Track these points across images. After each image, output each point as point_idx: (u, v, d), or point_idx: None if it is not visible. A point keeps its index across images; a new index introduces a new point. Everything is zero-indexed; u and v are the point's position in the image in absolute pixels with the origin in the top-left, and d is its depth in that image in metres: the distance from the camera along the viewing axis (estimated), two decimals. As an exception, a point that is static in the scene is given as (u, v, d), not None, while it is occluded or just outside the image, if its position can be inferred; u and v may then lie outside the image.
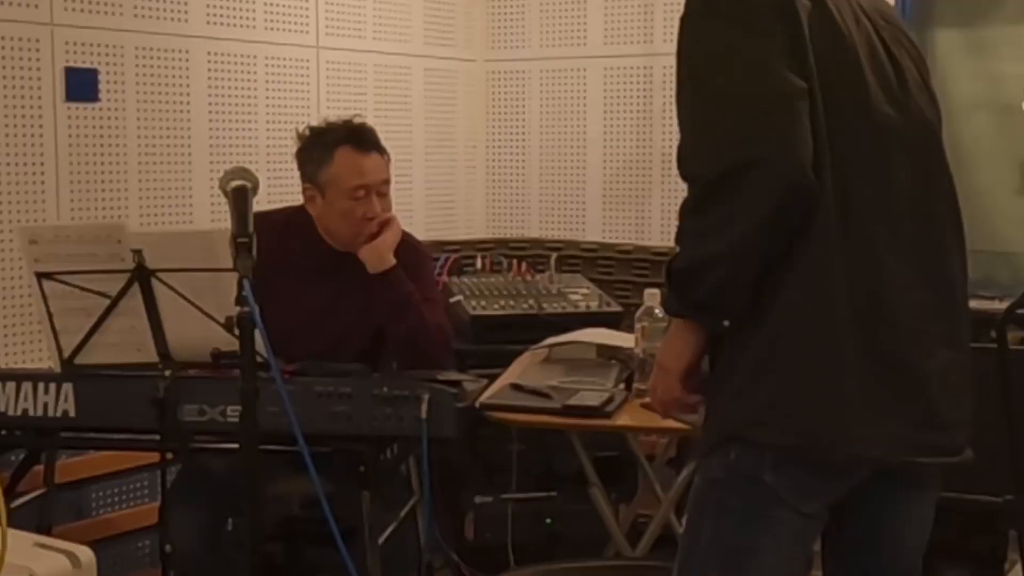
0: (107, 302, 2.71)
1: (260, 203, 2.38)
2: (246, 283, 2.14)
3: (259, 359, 2.22)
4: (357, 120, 3.16)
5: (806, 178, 1.74)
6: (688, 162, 1.82)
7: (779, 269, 1.79)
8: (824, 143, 1.78)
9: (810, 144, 1.75)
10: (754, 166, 1.72)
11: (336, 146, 3.07)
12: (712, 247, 1.78)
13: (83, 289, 2.71)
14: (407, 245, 3.16)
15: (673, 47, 1.87)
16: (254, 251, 2.20)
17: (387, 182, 3.12)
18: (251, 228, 2.22)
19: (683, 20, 1.84)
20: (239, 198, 2.26)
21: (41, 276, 2.70)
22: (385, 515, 2.91)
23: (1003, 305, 2.70)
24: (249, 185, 2.29)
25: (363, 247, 3.05)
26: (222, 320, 2.32)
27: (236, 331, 2.15)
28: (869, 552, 2.03)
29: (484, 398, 2.84)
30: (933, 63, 4.45)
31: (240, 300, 2.13)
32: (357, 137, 3.09)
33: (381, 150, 3.12)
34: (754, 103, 1.74)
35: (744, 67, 1.75)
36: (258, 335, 2.16)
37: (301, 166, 3.14)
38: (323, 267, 3.12)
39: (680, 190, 1.85)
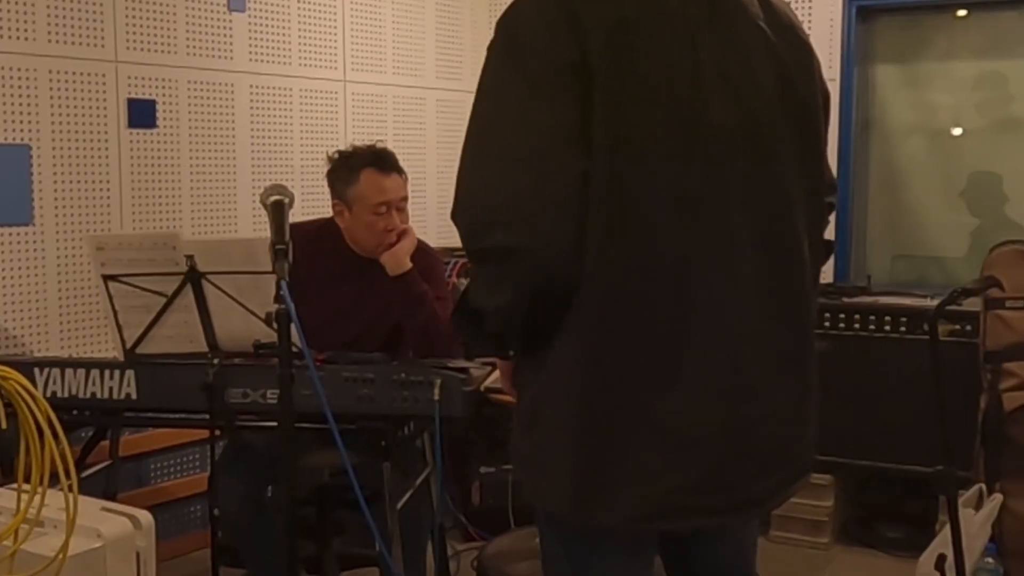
0: (164, 300, 2.71)
1: (295, 215, 2.38)
2: (283, 284, 2.13)
3: (294, 349, 2.22)
4: (380, 145, 3.15)
5: (561, 269, 1.48)
6: (456, 212, 1.56)
7: (555, 325, 1.54)
8: (617, 202, 1.49)
9: (572, 230, 1.47)
10: (507, 257, 1.49)
11: (361, 168, 3.07)
12: (484, 302, 1.56)
13: (143, 289, 2.71)
14: (421, 251, 3.16)
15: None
16: (290, 256, 2.20)
17: (405, 199, 3.12)
18: (287, 237, 2.21)
19: (488, 51, 1.61)
20: (277, 211, 2.26)
21: (107, 278, 2.70)
22: (403, 483, 2.91)
23: (935, 303, 2.70)
24: (286, 200, 2.29)
25: (384, 253, 3.05)
26: (262, 316, 2.33)
27: (275, 325, 2.14)
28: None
29: (488, 383, 2.83)
30: (873, 94, 4.45)
31: (278, 298, 2.13)
32: (379, 160, 3.09)
33: (400, 171, 3.12)
34: (522, 188, 1.47)
35: (521, 137, 1.50)
36: (294, 329, 2.16)
37: (331, 185, 3.14)
38: (349, 271, 3.13)
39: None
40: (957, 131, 4.36)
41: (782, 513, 4.03)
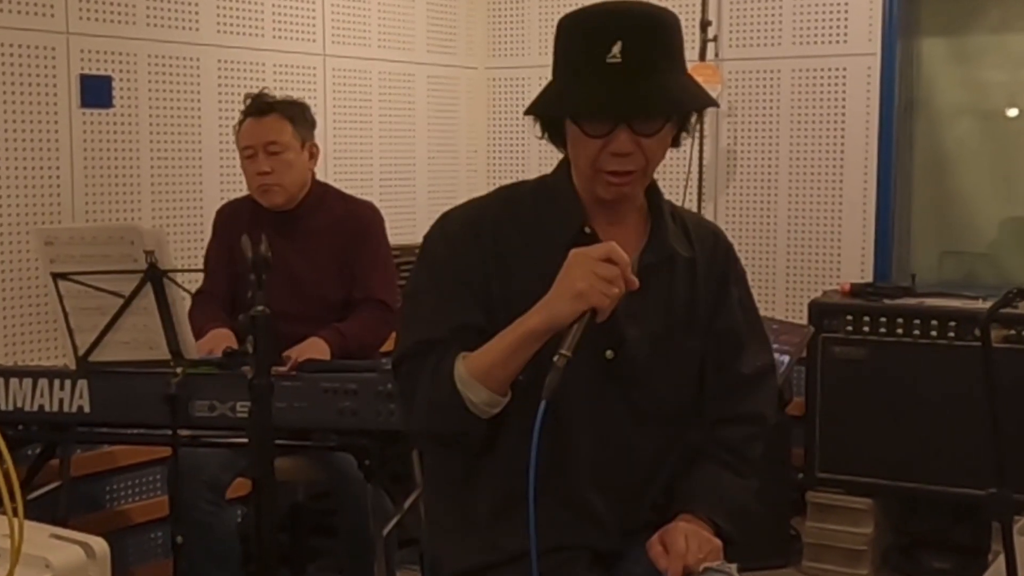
0: (121, 301, 2.70)
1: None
2: (257, 281, 2.13)
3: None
4: (279, 95, 3.35)
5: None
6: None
7: None
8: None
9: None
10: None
11: (244, 119, 3.29)
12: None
13: (97, 289, 2.70)
14: (355, 218, 3.28)
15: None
16: (263, 248, 2.19)
17: (275, 143, 3.23)
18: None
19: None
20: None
21: (57, 276, 2.70)
22: (390, 507, 2.91)
23: (986, 305, 2.69)
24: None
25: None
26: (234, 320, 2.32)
27: (249, 330, 2.14)
28: None
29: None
30: (918, 71, 4.45)
31: (252, 299, 2.13)
32: (254, 105, 3.28)
33: (283, 112, 3.26)
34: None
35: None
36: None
37: None
38: (270, 234, 3.12)
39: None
40: (1012, 112, 4.36)
41: (815, 541, 4.03)
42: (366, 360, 2.92)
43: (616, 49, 1.73)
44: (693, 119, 1.91)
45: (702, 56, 4.43)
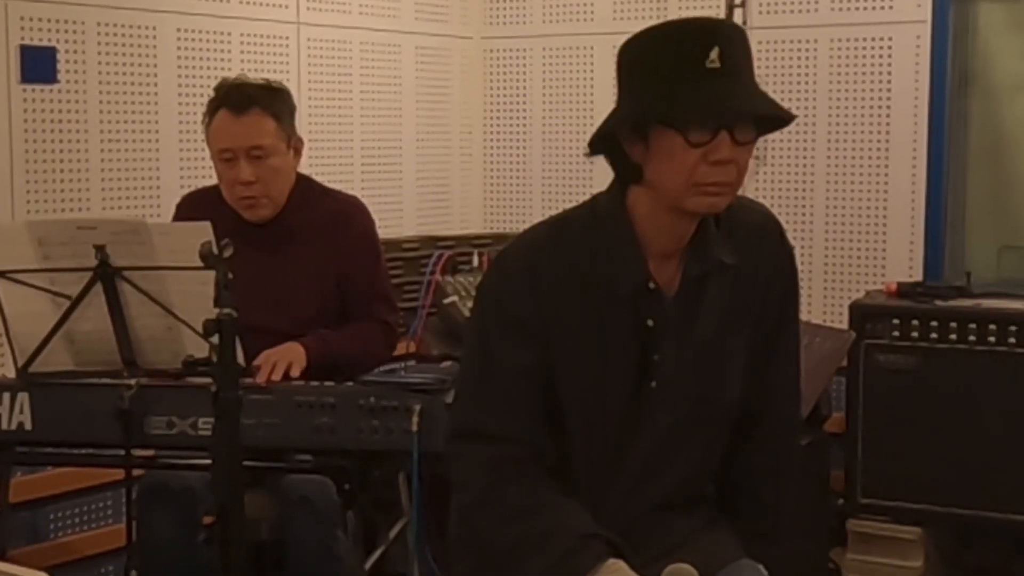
0: (67, 303, 2.71)
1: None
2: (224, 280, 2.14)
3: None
4: (255, 80, 3.24)
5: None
6: None
7: None
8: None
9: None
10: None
11: (217, 109, 3.16)
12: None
13: (40, 289, 2.70)
14: (344, 223, 3.20)
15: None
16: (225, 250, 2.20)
17: (260, 147, 3.12)
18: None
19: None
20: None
21: (-6, 275, 2.70)
22: (372, 537, 2.91)
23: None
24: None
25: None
26: (198, 324, 2.32)
27: (213, 336, 2.15)
28: None
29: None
30: (974, 41, 4.45)
31: (219, 301, 2.14)
32: (232, 98, 3.15)
33: (265, 108, 3.14)
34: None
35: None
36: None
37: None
38: (240, 242, 3.12)
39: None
40: (1081, 88, 4.37)
41: (857, 576, 4.04)
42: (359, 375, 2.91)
43: (714, 54, 1.91)
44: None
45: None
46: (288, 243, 3.16)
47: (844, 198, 4.49)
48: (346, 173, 4.45)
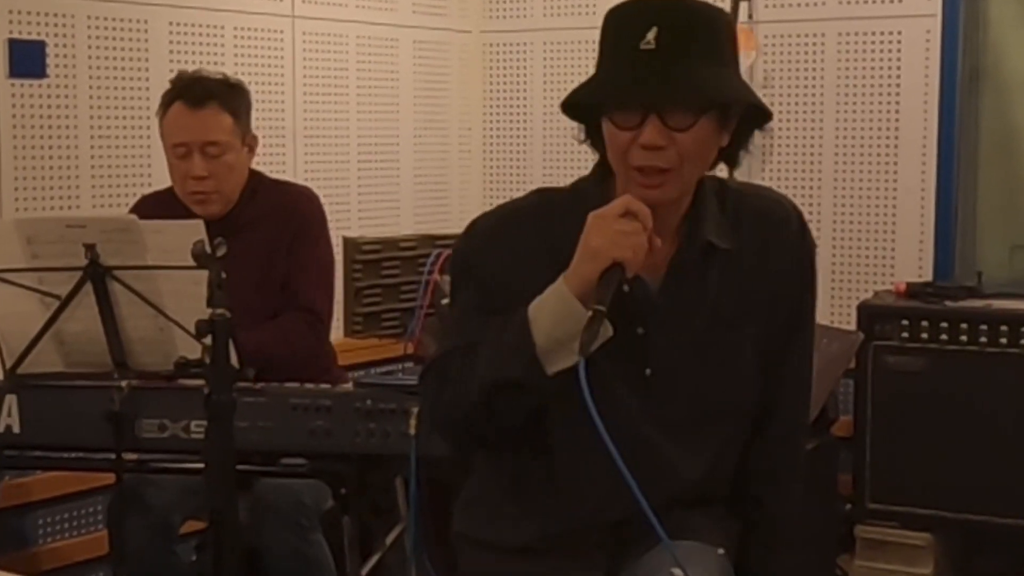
0: (56, 304, 2.71)
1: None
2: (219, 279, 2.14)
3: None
4: (211, 74, 3.24)
5: None
6: None
7: None
8: None
9: None
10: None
11: (172, 102, 3.16)
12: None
13: (28, 289, 2.70)
14: (291, 209, 3.21)
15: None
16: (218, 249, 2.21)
17: (215, 143, 3.13)
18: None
19: None
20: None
21: (-17, 274, 2.70)
22: (369, 543, 2.92)
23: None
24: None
25: None
26: (190, 324, 2.32)
27: (206, 337, 2.15)
28: None
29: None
30: (985, 35, 4.45)
31: (212, 301, 2.14)
32: (187, 90, 3.15)
33: (223, 102, 3.15)
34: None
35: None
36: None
37: None
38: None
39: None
40: (1095, 83, 4.37)
41: (866, 583, 4.04)
42: (290, 373, 2.88)
43: (650, 35, 1.89)
44: (754, 134, 2.04)
45: (733, 17, 4.43)
46: (237, 238, 3.14)
47: (852, 196, 4.49)
48: (342, 170, 4.45)
